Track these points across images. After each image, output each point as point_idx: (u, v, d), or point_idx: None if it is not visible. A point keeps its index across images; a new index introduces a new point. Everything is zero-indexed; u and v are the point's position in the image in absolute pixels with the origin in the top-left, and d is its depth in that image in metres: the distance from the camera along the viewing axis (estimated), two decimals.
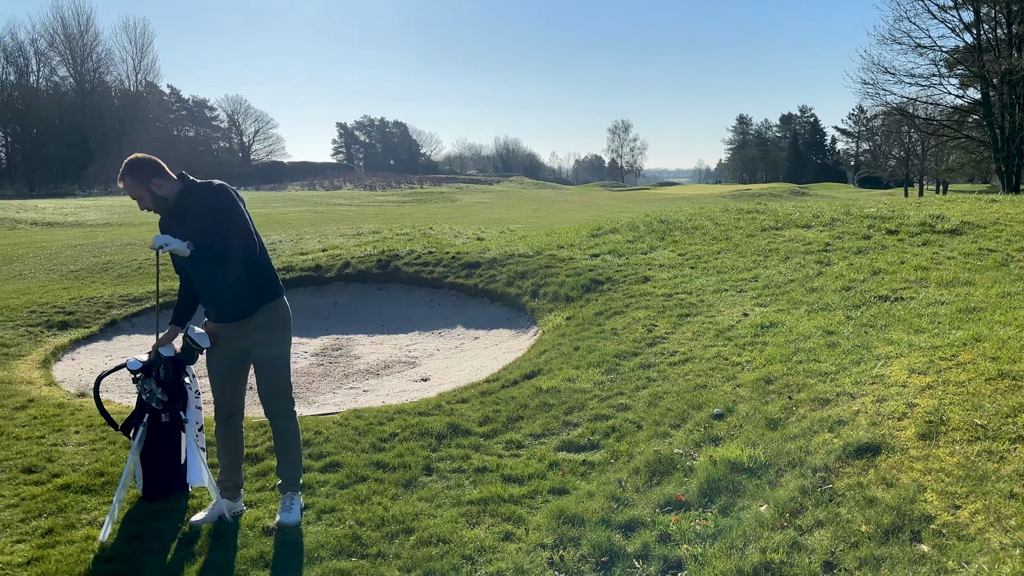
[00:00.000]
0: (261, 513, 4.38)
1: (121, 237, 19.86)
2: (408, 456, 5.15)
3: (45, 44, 76.50)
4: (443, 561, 3.75)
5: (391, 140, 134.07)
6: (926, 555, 3.23)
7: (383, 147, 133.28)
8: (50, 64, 77.99)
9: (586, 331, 7.94)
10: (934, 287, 7.19)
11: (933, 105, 42.34)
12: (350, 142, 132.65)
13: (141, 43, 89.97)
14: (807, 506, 3.81)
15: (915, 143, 63.17)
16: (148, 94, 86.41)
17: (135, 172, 4.02)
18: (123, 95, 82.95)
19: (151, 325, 10.36)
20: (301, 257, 12.85)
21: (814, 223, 10.80)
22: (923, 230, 9.66)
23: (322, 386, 7.78)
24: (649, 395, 5.84)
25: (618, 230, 12.83)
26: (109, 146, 76.46)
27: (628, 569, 3.58)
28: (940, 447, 4.00)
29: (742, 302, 7.88)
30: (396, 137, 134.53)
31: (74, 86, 79.10)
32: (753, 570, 3.35)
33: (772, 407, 5.02)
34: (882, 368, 5.18)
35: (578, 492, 4.44)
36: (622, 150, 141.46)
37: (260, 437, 5.61)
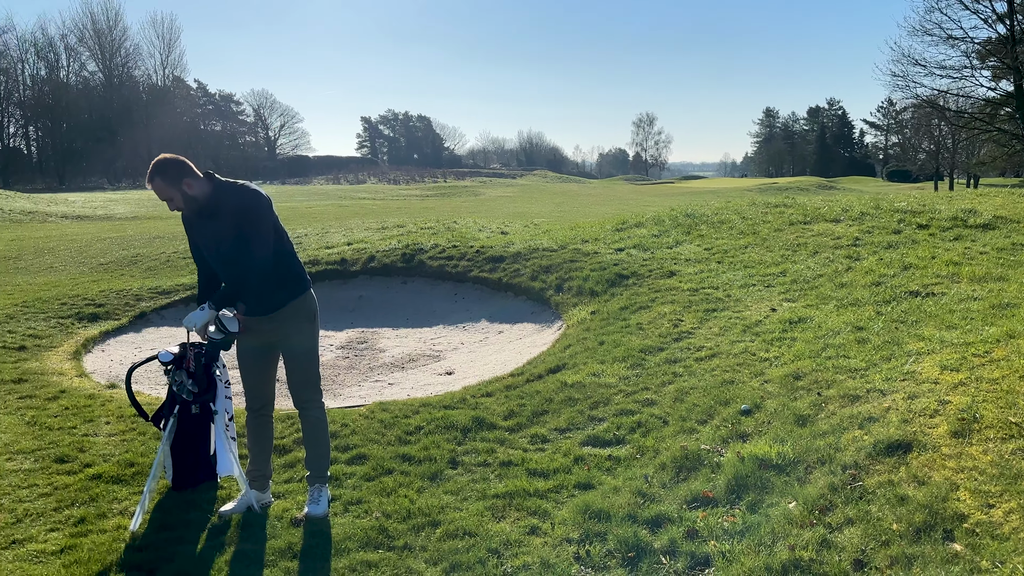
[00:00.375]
0: (289, 504, 4.42)
1: (149, 231, 20.11)
2: (434, 449, 5.16)
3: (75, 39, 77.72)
4: (469, 554, 3.76)
5: (415, 134, 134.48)
6: (959, 554, 3.18)
7: (407, 141, 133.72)
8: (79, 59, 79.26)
9: (611, 325, 7.91)
10: (966, 282, 7.08)
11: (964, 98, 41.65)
12: (374, 136, 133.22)
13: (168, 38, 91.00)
14: (837, 504, 3.77)
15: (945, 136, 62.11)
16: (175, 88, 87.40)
17: (165, 173, 4.01)
18: (151, 89, 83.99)
19: (179, 317, 10.48)
20: (327, 251, 12.93)
21: (843, 217, 10.67)
22: (955, 224, 9.51)
23: (348, 379, 7.83)
24: (675, 390, 5.80)
25: (643, 224, 12.76)
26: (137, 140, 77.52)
27: (655, 565, 3.56)
28: (973, 445, 3.94)
29: (770, 297, 7.81)
30: (420, 131, 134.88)
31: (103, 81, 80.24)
32: (782, 567, 3.32)
33: (801, 403, 4.97)
34: (913, 364, 5.11)
35: (604, 487, 4.43)
36: (646, 143, 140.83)
37: (288, 429, 5.65)
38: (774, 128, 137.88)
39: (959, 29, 38.09)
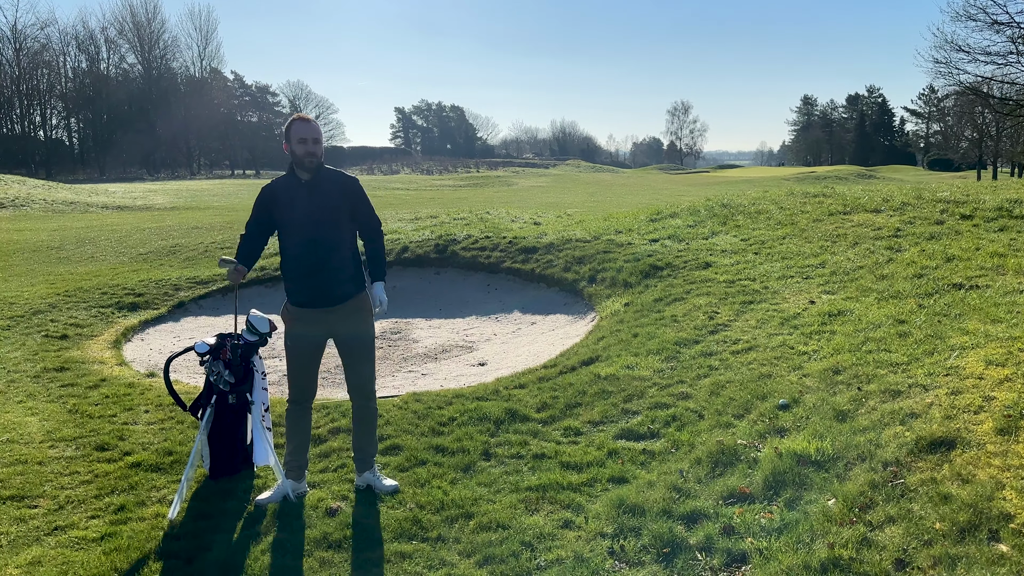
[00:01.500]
0: (324, 494, 4.45)
1: (188, 221, 20.40)
2: (467, 441, 5.16)
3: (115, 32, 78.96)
4: (503, 547, 3.75)
5: (448, 124, 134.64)
6: (1005, 555, 3.10)
7: (440, 131, 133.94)
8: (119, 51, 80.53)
9: (645, 317, 7.84)
10: (1012, 275, 6.88)
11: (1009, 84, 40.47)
12: (407, 126, 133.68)
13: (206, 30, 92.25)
14: (877, 501, 3.69)
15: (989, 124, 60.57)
16: (213, 80, 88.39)
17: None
18: (189, 81, 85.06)
19: (217, 307, 10.63)
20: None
21: (884, 207, 10.44)
22: (1000, 215, 9.25)
23: (381, 369, 7.86)
24: (711, 384, 5.73)
25: (678, 214, 12.63)
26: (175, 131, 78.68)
27: (691, 561, 3.52)
28: (1020, 443, 3.83)
29: (808, 289, 7.67)
30: (453, 121, 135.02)
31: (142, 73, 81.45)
32: (821, 566, 3.26)
33: (840, 398, 4.88)
34: (957, 359, 4.98)
35: (638, 481, 4.39)
36: (681, 132, 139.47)
37: (323, 419, 5.69)
38: (812, 116, 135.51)
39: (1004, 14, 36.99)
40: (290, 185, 4.32)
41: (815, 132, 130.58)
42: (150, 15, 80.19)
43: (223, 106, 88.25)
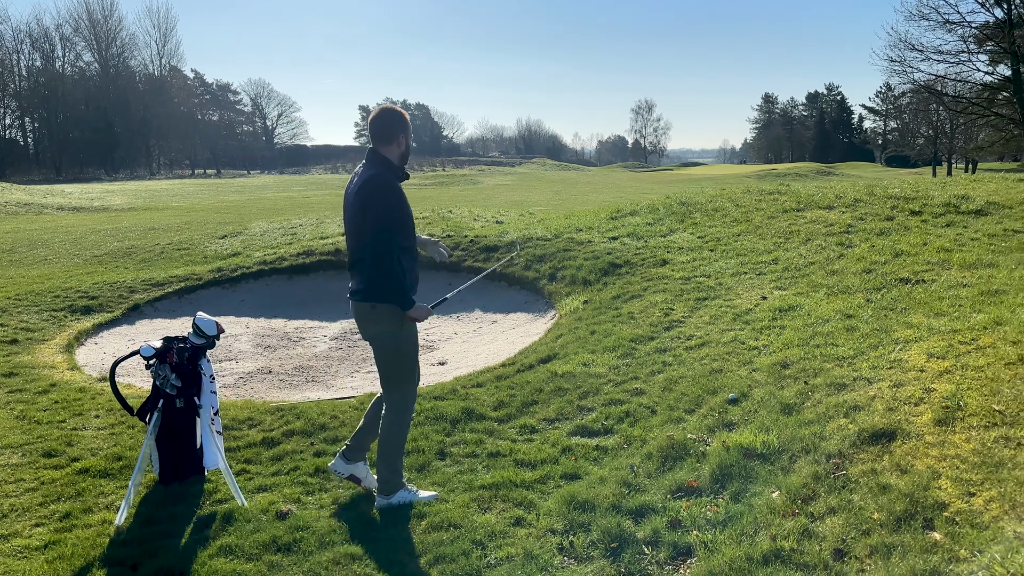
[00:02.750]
0: (275, 497, 4.42)
1: (145, 222, 20.07)
2: (422, 440, 5.16)
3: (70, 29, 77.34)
4: (453, 546, 3.77)
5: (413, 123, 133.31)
6: (938, 543, 3.19)
7: None
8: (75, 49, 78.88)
9: (603, 315, 7.91)
10: (956, 269, 7.06)
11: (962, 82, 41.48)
12: None
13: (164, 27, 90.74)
14: (820, 493, 3.77)
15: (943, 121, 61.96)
16: (172, 78, 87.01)
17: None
18: (147, 80, 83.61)
19: (173, 309, 10.49)
20: (321, 241, 12.91)
21: (837, 204, 10.64)
22: (947, 211, 9.48)
23: (340, 370, 7.83)
24: (664, 380, 5.80)
25: (638, 212, 12.73)
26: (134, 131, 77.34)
27: (638, 555, 3.57)
28: (956, 433, 3.94)
29: (761, 285, 7.80)
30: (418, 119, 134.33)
31: (99, 71, 79.88)
32: (763, 557, 3.33)
33: (787, 392, 4.97)
34: (900, 352, 5.11)
35: (590, 477, 4.43)
36: (645, 130, 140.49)
37: (276, 422, 5.65)
38: (773, 114, 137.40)
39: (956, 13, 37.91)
40: (399, 180, 4.22)
41: (776, 130, 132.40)
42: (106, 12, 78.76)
43: (183, 105, 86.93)
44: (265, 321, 10.07)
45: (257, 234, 15.21)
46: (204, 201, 31.68)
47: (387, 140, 4.18)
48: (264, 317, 10.26)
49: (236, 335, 9.30)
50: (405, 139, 4.20)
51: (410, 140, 4.24)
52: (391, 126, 4.17)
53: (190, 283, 11.20)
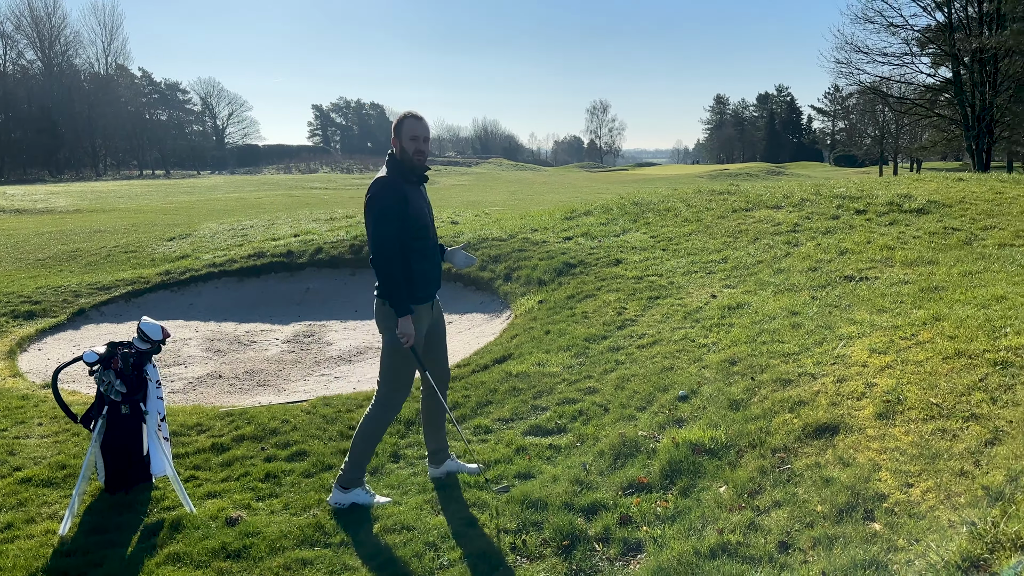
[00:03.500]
0: (225, 503, 4.36)
1: (91, 224, 19.58)
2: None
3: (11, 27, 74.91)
4: (406, 548, 3.76)
5: (368, 122, 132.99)
6: (878, 533, 3.29)
7: (360, 129, 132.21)
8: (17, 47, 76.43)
9: (557, 315, 7.96)
10: (899, 266, 7.27)
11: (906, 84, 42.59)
12: (326, 124, 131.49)
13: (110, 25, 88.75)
14: (765, 486, 3.86)
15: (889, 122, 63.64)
16: (119, 77, 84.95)
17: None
18: (93, 78, 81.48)
19: (120, 314, 10.27)
20: (272, 243, 12.75)
21: (784, 204, 10.86)
22: (890, 209, 9.75)
23: (292, 373, 7.75)
24: (617, 378, 5.87)
25: (592, 212, 12.83)
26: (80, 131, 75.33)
27: (589, 552, 3.61)
28: (896, 426, 4.06)
29: (711, 284, 7.93)
30: (373, 119, 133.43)
31: (42, 69, 77.57)
32: (710, 551, 3.39)
33: (735, 388, 5.07)
34: (844, 348, 5.25)
35: (543, 476, 4.46)
36: (600, 131, 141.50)
37: (226, 427, 5.57)
38: (725, 115, 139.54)
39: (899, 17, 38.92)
40: (408, 183, 4.24)
41: (728, 130, 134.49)
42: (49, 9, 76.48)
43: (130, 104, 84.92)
44: (215, 325, 9.91)
45: (207, 236, 14.96)
46: (152, 202, 31.01)
47: (395, 143, 4.31)
48: (214, 321, 10.10)
49: (185, 339, 9.14)
50: (398, 142, 4.25)
51: (404, 143, 4.21)
52: (395, 130, 4.29)
53: (137, 287, 10.97)
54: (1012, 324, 4.93)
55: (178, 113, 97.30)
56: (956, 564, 2.94)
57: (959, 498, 3.35)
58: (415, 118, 4.22)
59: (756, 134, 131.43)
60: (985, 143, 36.82)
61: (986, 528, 3.07)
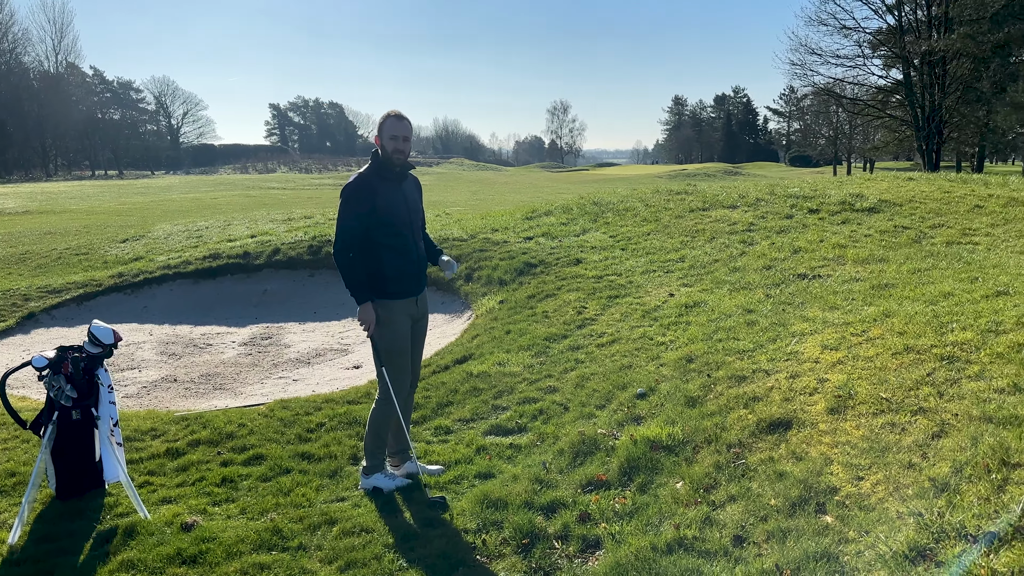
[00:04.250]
0: (180, 509, 4.29)
1: (41, 226, 19.09)
2: (335, 446, 5.11)
3: None
4: (366, 551, 3.74)
5: (327, 121, 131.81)
6: (829, 526, 3.36)
7: (319, 129, 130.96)
8: None
9: (518, 314, 7.98)
10: (850, 264, 7.44)
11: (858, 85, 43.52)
12: (284, 124, 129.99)
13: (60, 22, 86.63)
14: (720, 481, 3.92)
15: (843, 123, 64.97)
16: (69, 76, 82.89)
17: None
18: (43, 77, 79.34)
19: (71, 317, 10.04)
20: (228, 244, 12.57)
21: (740, 204, 11.03)
22: (843, 209, 9.96)
23: (250, 376, 7.65)
24: (577, 377, 5.91)
25: (552, 212, 12.89)
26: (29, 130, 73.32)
27: (548, 550, 3.63)
28: (847, 420, 4.15)
29: (669, 283, 8.02)
30: (332, 118, 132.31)
31: None
32: (667, 546, 3.44)
33: (692, 385, 5.14)
34: (797, 345, 5.35)
35: (503, 476, 4.48)
36: (561, 131, 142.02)
37: (181, 432, 5.48)
38: (683, 116, 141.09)
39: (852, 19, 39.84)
40: (384, 179, 4.34)
41: (686, 131, 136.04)
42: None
43: (82, 103, 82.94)
44: (170, 328, 9.74)
45: (161, 237, 14.69)
46: (105, 203, 30.33)
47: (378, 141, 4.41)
48: (169, 323, 9.92)
49: (139, 343, 8.97)
50: (379, 139, 4.37)
51: (384, 141, 4.34)
52: (378, 129, 4.42)
53: (89, 289, 10.73)
54: (958, 320, 5.07)
55: (131, 112, 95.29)
56: (904, 554, 3.02)
57: (907, 490, 3.45)
58: (396, 118, 4.34)
59: (714, 135, 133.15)
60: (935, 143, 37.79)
61: (932, 519, 3.16)
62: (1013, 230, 8.50)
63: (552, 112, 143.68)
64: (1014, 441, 3.46)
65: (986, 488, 3.23)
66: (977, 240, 8.10)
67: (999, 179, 12.81)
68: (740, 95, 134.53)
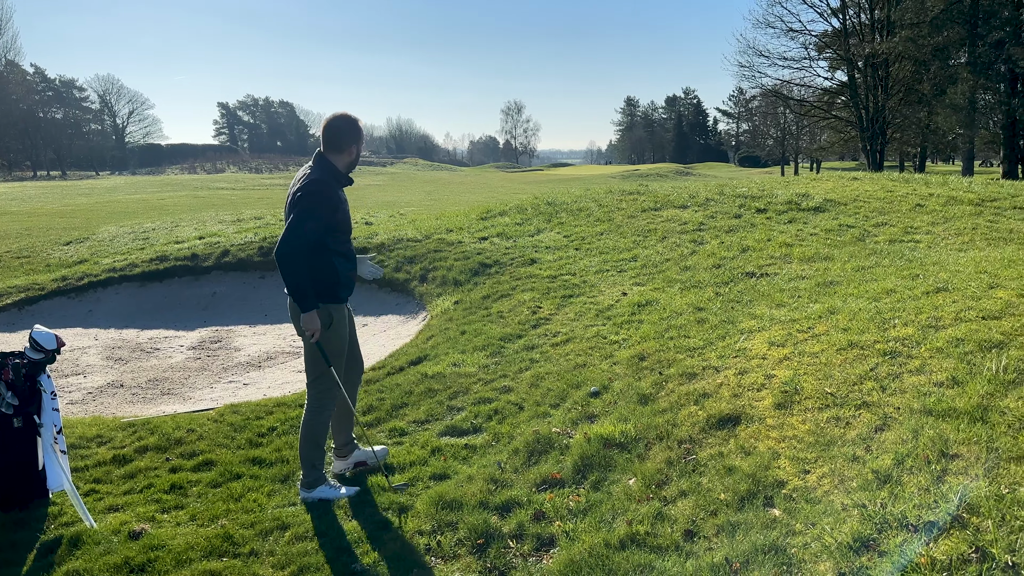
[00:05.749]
0: (127, 516, 4.21)
1: None
2: (287, 450, 5.05)
3: None
4: (319, 555, 3.71)
5: (277, 120, 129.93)
6: (777, 519, 3.44)
7: (269, 128, 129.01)
8: None
9: (473, 315, 7.98)
10: (797, 263, 7.61)
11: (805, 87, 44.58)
12: (233, 123, 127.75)
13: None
14: (672, 477, 3.98)
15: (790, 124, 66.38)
16: (9, 74, 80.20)
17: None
18: None
19: (13, 322, 9.75)
20: (176, 246, 12.32)
21: (690, 203, 11.20)
22: (789, 208, 10.18)
23: (199, 381, 7.51)
24: (531, 376, 5.93)
25: (507, 213, 12.92)
26: None
27: (503, 549, 3.65)
28: (794, 415, 4.25)
29: (622, 282, 8.11)
30: (283, 117, 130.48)
31: None
32: (619, 543, 3.48)
33: (644, 383, 5.21)
34: (745, 342, 5.46)
35: (459, 476, 4.48)
36: (515, 131, 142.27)
37: (128, 438, 5.36)
38: (635, 116, 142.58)
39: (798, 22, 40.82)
40: (341, 186, 4.30)
41: (638, 132, 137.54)
42: None
43: (22, 102, 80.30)
44: (116, 332, 9.51)
45: (106, 239, 14.34)
46: (47, 205, 29.45)
47: (336, 148, 4.24)
48: (115, 328, 9.69)
49: (84, 348, 8.74)
50: (356, 148, 4.30)
51: (360, 149, 4.33)
52: (342, 136, 4.23)
53: (31, 293, 10.42)
54: (900, 316, 5.23)
55: (75, 111, 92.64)
56: (848, 545, 3.11)
57: (851, 482, 3.54)
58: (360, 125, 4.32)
59: (665, 135, 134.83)
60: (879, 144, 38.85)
61: (875, 510, 3.26)
62: (952, 228, 8.79)
63: (506, 112, 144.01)
64: (952, 433, 3.59)
65: (926, 479, 3.34)
66: (918, 238, 8.36)
67: (940, 179, 13.24)
68: (691, 96, 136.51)
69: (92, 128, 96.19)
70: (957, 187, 11.56)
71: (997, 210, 9.78)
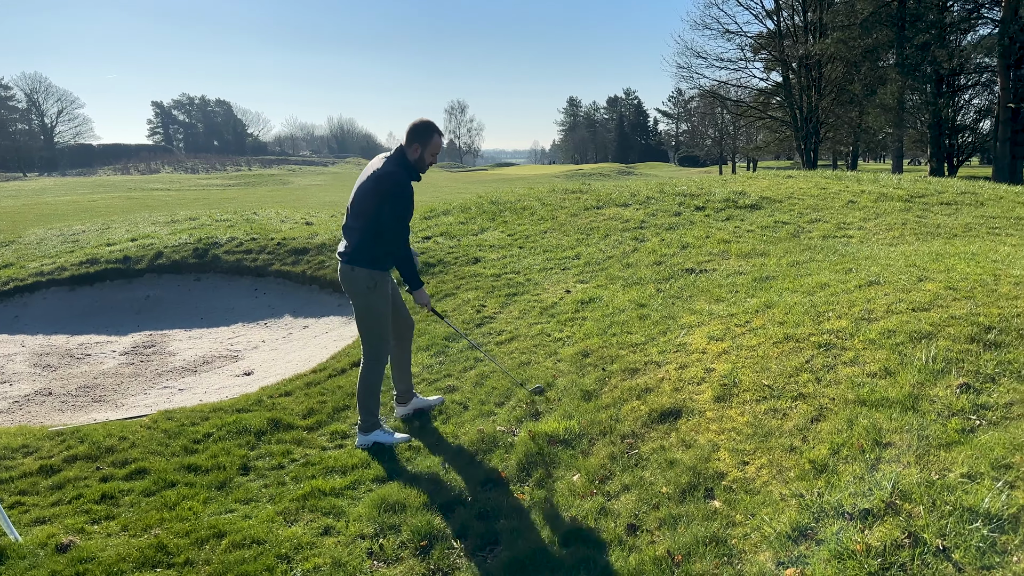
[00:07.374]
0: (55, 529, 4.03)
1: None
2: (223, 456, 4.91)
3: None
4: (256, 563, 3.61)
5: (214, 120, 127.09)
6: (717, 510, 3.48)
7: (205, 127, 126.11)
8: None
9: (416, 315, 7.90)
10: (734, 259, 7.75)
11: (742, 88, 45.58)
12: (168, 122, 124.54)
13: None
14: (615, 472, 4.00)
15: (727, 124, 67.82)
16: None
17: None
18: None
19: None
20: (107, 248, 11.90)
21: (632, 202, 11.31)
22: (727, 206, 10.37)
23: (132, 387, 7.26)
24: (476, 375, 5.90)
25: (451, 212, 12.85)
26: None
27: (447, 550, 3.61)
28: (733, 408, 4.32)
29: (565, 279, 8.14)
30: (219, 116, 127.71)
31: None
32: (563, 539, 3.48)
33: (588, 379, 5.23)
34: (685, 336, 5.53)
35: (402, 478, 4.42)
36: (459, 131, 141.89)
37: (56, 447, 5.15)
38: (578, 117, 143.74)
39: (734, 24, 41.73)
40: (409, 179, 4.79)
41: (581, 132, 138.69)
42: None
43: None
44: (44, 338, 9.15)
45: (33, 243, 13.78)
46: None
47: (408, 143, 4.78)
48: (43, 334, 9.32)
49: (9, 355, 8.38)
50: (420, 148, 4.76)
51: (427, 151, 4.77)
52: (411, 133, 4.76)
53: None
54: (834, 309, 5.35)
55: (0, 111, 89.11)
56: (787, 534, 3.16)
57: (789, 472, 3.61)
58: (439, 135, 4.82)
59: (607, 135, 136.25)
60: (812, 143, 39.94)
61: (812, 499, 3.32)
62: (883, 223, 9.06)
63: (450, 112, 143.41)
64: (885, 422, 3.68)
65: (861, 467, 3.42)
66: (851, 233, 8.59)
67: (871, 176, 13.66)
68: (632, 97, 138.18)
69: (19, 128, 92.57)
70: (887, 184, 11.94)
71: (925, 206, 10.13)
